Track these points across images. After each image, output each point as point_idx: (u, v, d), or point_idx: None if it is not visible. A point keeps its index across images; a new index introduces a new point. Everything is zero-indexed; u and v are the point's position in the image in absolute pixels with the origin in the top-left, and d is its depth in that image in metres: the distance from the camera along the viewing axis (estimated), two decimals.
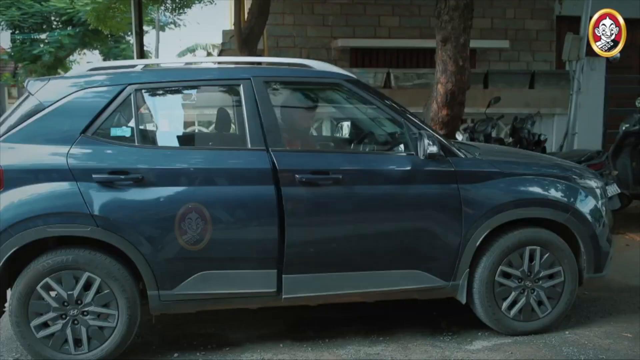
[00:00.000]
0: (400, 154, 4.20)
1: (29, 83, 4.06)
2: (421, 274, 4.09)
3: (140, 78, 4.08)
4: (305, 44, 12.23)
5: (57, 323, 3.74)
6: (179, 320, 4.57)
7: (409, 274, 4.09)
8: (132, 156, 3.83)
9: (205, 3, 15.91)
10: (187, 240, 3.76)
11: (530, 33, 12.52)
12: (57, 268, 3.71)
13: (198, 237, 3.79)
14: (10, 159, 3.75)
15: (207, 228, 3.80)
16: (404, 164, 4.10)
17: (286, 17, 12.20)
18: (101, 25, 13.99)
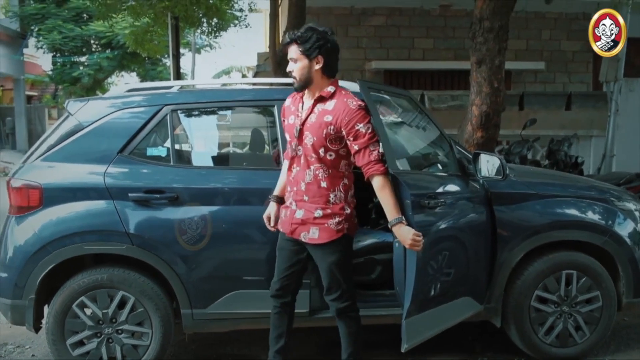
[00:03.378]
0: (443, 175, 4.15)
1: (69, 104, 4.15)
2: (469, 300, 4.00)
3: (177, 99, 4.14)
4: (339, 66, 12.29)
5: (92, 341, 3.78)
6: (212, 340, 4.58)
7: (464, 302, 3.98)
8: (168, 175, 3.87)
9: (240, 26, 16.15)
10: (219, 260, 3.78)
11: (566, 54, 12.41)
12: (92, 286, 3.76)
13: (230, 257, 3.80)
14: (49, 178, 3.84)
15: (241, 248, 3.82)
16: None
17: None
18: (139, 48, 14.29)
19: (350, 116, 3.26)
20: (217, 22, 14.44)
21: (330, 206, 3.34)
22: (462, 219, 3.90)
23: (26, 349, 4.55)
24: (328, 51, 3.32)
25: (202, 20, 13.65)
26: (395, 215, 3.23)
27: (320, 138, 3.30)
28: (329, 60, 3.32)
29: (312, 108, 3.36)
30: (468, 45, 6.57)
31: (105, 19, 13.59)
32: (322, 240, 3.35)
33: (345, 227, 3.38)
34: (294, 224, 3.40)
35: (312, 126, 3.33)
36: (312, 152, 3.34)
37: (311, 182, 3.35)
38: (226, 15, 14.07)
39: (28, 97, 29.67)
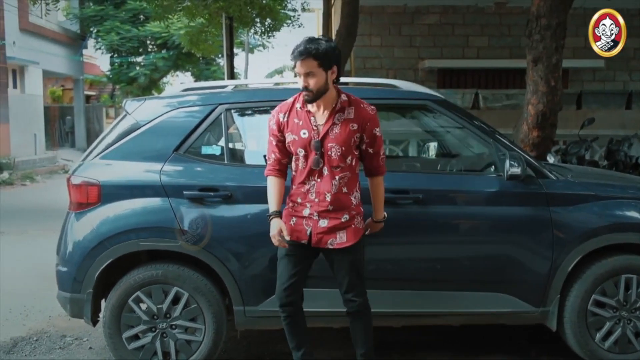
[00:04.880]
0: (486, 175, 4.11)
1: (127, 103, 4.24)
2: (507, 297, 3.96)
3: (231, 98, 4.19)
4: (392, 65, 12.24)
5: (147, 336, 3.86)
6: (264, 338, 4.61)
7: (494, 297, 3.96)
8: (222, 174, 3.92)
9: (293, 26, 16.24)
10: (272, 258, 3.80)
11: (627, 51, 12.02)
12: (148, 282, 3.84)
13: None
14: (107, 175, 3.93)
15: None
16: (489, 185, 4.00)
17: (373, 38, 12.27)
18: (194, 48, 14.51)
19: (372, 122, 3.40)
20: (270, 22, 14.55)
21: (354, 208, 3.43)
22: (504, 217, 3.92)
23: (84, 341, 4.67)
24: (339, 61, 3.40)
25: (256, 21, 13.78)
26: (383, 213, 3.58)
27: (348, 147, 3.35)
28: (339, 71, 3.41)
29: (332, 119, 3.37)
30: (524, 43, 6.44)
31: (161, 20, 13.85)
32: (351, 242, 3.40)
33: (362, 226, 3.50)
34: (319, 234, 3.40)
35: (338, 137, 3.35)
36: (339, 162, 3.36)
37: (337, 192, 3.38)
38: (279, 15, 14.17)
39: (87, 96, 30.54)
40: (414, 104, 4.39)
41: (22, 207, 12.80)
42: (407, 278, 3.94)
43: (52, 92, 31.21)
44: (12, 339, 4.76)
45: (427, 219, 3.92)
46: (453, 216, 3.96)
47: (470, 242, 4.02)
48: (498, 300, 3.95)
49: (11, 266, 7.17)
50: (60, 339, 4.74)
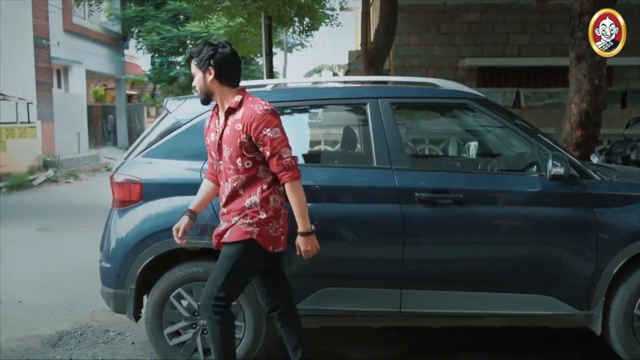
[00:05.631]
0: (528, 175, 4.06)
1: (168, 102, 4.30)
2: (549, 299, 3.89)
3: (270, 97, 4.18)
4: (431, 63, 12.17)
5: (188, 332, 3.90)
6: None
7: (535, 299, 3.89)
8: None
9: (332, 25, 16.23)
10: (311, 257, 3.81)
11: None
12: (189, 279, 3.88)
13: (322, 254, 3.82)
14: (149, 173, 3.99)
15: (332, 245, 3.84)
16: (531, 185, 3.94)
17: (412, 37, 12.21)
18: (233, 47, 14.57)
19: (257, 122, 3.28)
20: (308, 22, 14.58)
21: (246, 211, 3.35)
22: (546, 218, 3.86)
23: (126, 336, 4.76)
24: (218, 62, 3.35)
25: (294, 20, 13.82)
26: (306, 225, 3.35)
27: (235, 148, 3.33)
28: (222, 70, 3.36)
29: (226, 121, 3.39)
30: (566, 40, 6.34)
31: (201, 20, 13.99)
32: (231, 239, 3.35)
33: (255, 231, 3.34)
34: (216, 236, 3.44)
35: (227, 138, 3.36)
36: (230, 163, 3.38)
37: (230, 195, 3.39)
38: (318, 14, 14.18)
39: (128, 96, 31.05)
40: (454, 103, 4.35)
41: (67, 204, 13.09)
42: (448, 279, 3.91)
43: (95, 92, 31.82)
44: (57, 332, 4.87)
45: (467, 219, 3.88)
46: (494, 216, 3.91)
47: (512, 243, 3.96)
48: (541, 303, 3.89)
49: (57, 262, 7.34)
50: (104, 333, 4.83)
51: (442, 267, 3.92)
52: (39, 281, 6.41)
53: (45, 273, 6.75)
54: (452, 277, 3.91)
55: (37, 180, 17.07)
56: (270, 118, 3.30)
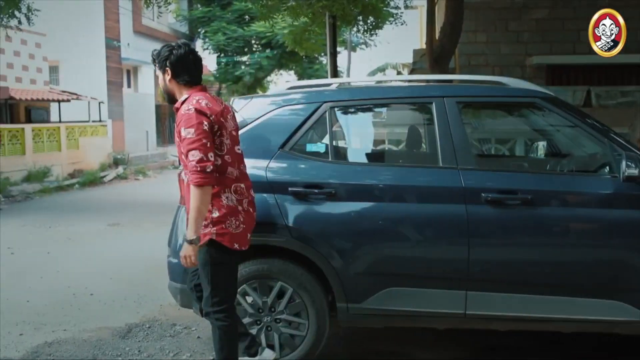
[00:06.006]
0: (600, 176, 3.93)
1: (234, 101, 4.36)
2: (621, 305, 3.74)
3: (335, 96, 4.22)
4: (498, 61, 11.94)
5: (252, 328, 3.94)
6: (366, 335, 4.62)
7: (606, 304, 3.76)
8: (326, 171, 3.96)
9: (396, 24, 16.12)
10: (376, 256, 3.81)
11: None
12: (254, 276, 3.92)
13: (387, 253, 3.82)
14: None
15: (397, 245, 3.82)
16: (603, 187, 3.82)
17: (478, 34, 12.00)
18: (297, 47, 14.68)
19: (179, 120, 3.30)
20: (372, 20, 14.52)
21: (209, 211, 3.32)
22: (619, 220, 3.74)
23: (192, 331, 4.85)
24: (173, 62, 3.42)
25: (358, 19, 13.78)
26: (191, 234, 3.23)
27: (179, 146, 3.35)
28: (177, 71, 3.43)
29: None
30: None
31: (266, 20, 14.13)
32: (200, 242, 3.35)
33: (213, 231, 3.33)
34: None
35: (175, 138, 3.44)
36: (180, 160, 3.43)
37: (185, 193, 3.43)
38: (382, 13, 14.10)
39: None
40: (522, 101, 4.26)
41: (135, 200, 13.46)
42: (514, 281, 3.82)
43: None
44: (126, 324, 5.02)
45: (536, 220, 3.79)
46: (564, 218, 3.81)
47: (582, 246, 3.85)
48: (612, 308, 3.75)
49: (126, 256, 7.56)
50: (171, 327, 4.94)
51: (509, 269, 3.84)
52: (109, 275, 6.62)
53: (116, 267, 6.97)
54: (518, 279, 3.83)
55: (108, 177, 17.63)
56: (188, 118, 3.26)
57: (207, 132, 3.24)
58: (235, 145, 3.47)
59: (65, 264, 7.15)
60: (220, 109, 3.38)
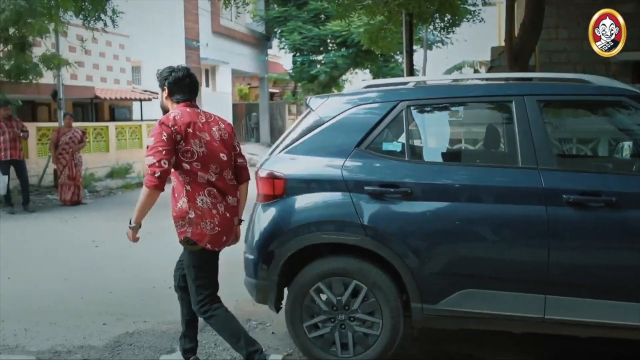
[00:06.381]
0: None
1: (311, 100, 4.39)
2: None
3: (412, 95, 4.18)
4: (580, 58, 11.55)
5: (326, 326, 3.97)
6: (440, 337, 4.57)
7: None
8: (402, 170, 3.93)
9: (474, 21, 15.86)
10: (452, 256, 3.76)
11: None
12: (328, 274, 3.94)
13: (463, 254, 3.76)
14: (292, 169, 4.10)
15: (474, 245, 3.76)
16: None
17: (560, 31, 11.65)
18: (373, 45, 14.65)
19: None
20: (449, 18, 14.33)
21: (176, 211, 3.69)
22: None
23: (267, 326, 4.92)
24: (171, 83, 3.81)
25: (435, 16, 13.64)
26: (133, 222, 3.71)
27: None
28: (172, 90, 3.82)
29: None
30: None
31: (342, 19, 14.17)
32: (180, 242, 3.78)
33: (188, 231, 3.65)
34: None
35: None
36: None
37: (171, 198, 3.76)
38: (459, 10, 13.90)
39: (270, 94, 32.11)
40: (607, 100, 4.11)
41: None
42: (598, 286, 3.68)
43: (240, 90, 33.21)
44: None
45: (621, 223, 3.64)
46: None
47: None
48: None
49: None
50: (246, 322, 5.02)
51: (591, 274, 3.70)
52: None
53: None
54: (601, 284, 3.68)
55: None
56: (154, 128, 3.65)
57: (165, 141, 3.57)
58: (220, 152, 3.75)
59: (146, 257, 7.38)
60: (188, 121, 3.67)
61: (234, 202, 3.80)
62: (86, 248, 7.99)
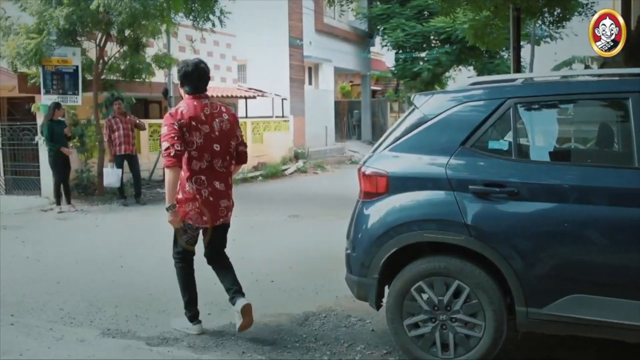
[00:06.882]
0: None
1: (415, 97, 4.35)
2: None
3: (520, 92, 4.07)
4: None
5: (427, 325, 3.93)
6: (546, 342, 4.41)
7: None
8: (508, 169, 3.83)
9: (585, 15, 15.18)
10: (560, 260, 3.62)
11: None
12: (430, 273, 3.90)
13: (572, 258, 3.61)
14: (395, 167, 4.09)
15: (584, 249, 3.61)
16: None
17: None
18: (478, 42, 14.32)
19: None
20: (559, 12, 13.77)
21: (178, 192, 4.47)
22: None
23: (367, 323, 4.93)
24: (181, 76, 4.51)
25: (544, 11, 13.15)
26: (167, 202, 4.40)
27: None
28: (183, 83, 4.52)
29: None
30: None
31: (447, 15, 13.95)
32: None
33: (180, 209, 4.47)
34: None
35: None
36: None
37: None
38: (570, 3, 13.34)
39: (372, 91, 32.07)
40: None
41: (314, 193, 13.94)
42: None
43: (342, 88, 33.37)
44: (304, 312, 5.22)
45: None
46: None
47: None
48: None
49: (305, 247, 7.87)
50: (346, 318, 5.06)
51: None
52: (289, 264, 6.92)
53: (295, 257, 7.27)
54: None
55: (289, 170, 18.43)
56: (166, 118, 4.41)
57: (175, 129, 4.33)
58: (215, 143, 4.45)
59: (248, 251, 7.57)
60: (192, 115, 4.37)
61: (221, 187, 4.55)
62: None
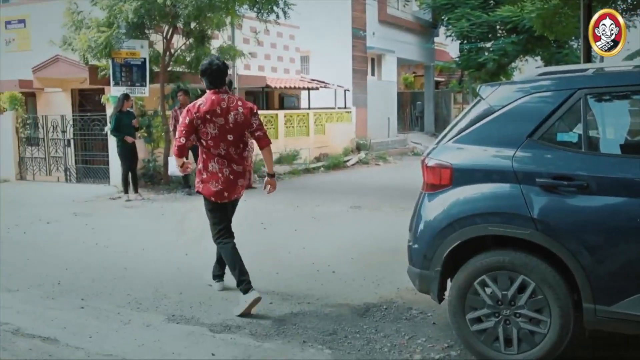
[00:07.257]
0: None
1: (481, 88, 4.27)
2: None
3: (591, 82, 3.93)
4: None
5: (489, 320, 3.87)
6: (615, 341, 4.27)
7: None
8: (578, 162, 3.72)
9: None
10: (631, 256, 3.50)
11: None
12: (494, 267, 3.83)
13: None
14: (459, 159, 4.03)
15: None
16: None
17: None
18: (546, 31, 13.94)
19: None
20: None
21: (197, 170, 5.20)
22: None
23: (428, 316, 4.89)
24: (201, 72, 5.10)
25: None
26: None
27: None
28: (203, 77, 5.08)
29: None
30: None
31: (514, 4, 13.62)
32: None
33: (201, 187, 5.12)
34: None
35: None
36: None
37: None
38: None
39: (436, 82, 31.69)
40: None
41: (376, 184, 13.88)
42: None
43: (405, 79, 33.08)
44: (365, 304, 5.22)
45: None
46: None
47: None
48: None
49: (367, 238, 7.85)
50: (407, 310, 5.03)
51: None
52: (350, 255, 6.93)
53: (356, 248, 7.26)
54: None
55: (351, 161, 18.41)
56: (184, 111, 5.03)
57: (187, 124, 4.95)
58: (229, 134, 4.98)
59: (310, 241, 7.63)
60: (208, 109, 4.92)
61: (239, 169, 5.10)
62: (255, 230, 8.40)
